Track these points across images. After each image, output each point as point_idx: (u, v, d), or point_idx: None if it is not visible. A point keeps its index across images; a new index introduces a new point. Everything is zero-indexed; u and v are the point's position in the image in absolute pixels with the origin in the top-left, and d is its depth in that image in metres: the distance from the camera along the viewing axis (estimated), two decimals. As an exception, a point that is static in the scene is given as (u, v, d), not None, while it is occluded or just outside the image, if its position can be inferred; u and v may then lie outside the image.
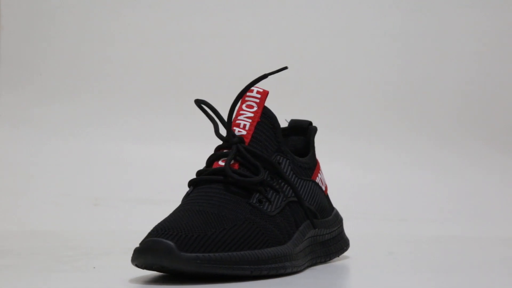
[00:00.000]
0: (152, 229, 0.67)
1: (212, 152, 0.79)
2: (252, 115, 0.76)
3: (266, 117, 0.77)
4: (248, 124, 0.76)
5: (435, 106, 1.53)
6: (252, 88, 0.78)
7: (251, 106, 0.77)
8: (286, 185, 0.76)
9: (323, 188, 0.85)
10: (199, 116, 0.84)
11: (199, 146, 1.43)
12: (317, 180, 0.83)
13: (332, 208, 0.86)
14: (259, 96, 0.77)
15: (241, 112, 0.77)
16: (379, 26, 1.53)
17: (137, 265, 0.67)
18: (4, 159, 1.43)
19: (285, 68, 0.77)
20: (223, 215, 0.70)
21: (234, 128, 0.76)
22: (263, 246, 0.69)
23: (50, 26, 1.51)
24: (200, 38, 1.51)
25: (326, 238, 0.82)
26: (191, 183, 0.75)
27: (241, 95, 0.76)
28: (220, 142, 0.77)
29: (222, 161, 0.74)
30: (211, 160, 0.75)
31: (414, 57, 1.54)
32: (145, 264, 0.66)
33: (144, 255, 0.65)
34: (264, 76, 0.76)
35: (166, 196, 1.37)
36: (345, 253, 0.88)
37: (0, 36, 1.50)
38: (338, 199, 1.34)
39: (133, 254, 0.67)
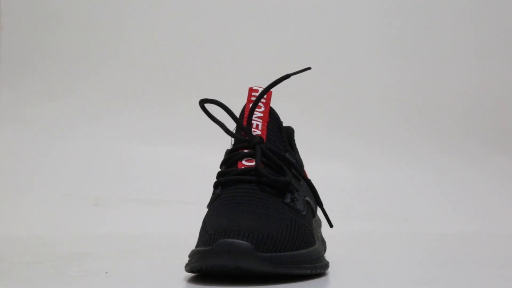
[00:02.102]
0: (216, 230, 0.65)
1: (211, 152, 0.79)
2: (261, 115, 0.76)
3: (272, 117, 0.77)
4: (260, 124, 0.75)
5: (435, 107, 1.53)
6: (257, 88, 0.77)
7: (258, 106, 0.76)
8: (300, 184, 0.76)
9: None
10: (200, 116, 0.83)
11: (199, 146, 1.44)
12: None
13: None
14: (265, 96, 0.77)
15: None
16: (380, 28, 1.54)
17: (200, 269, 0.64)
18: (4, 159, 1.43)
19: (309, 68, 0.77)
20: (271, 215, 0.69)
21: None
22: (309, 245, 0.69)
23: (50, 26, 1.51)
24: (202, 38, 1.51)
25: (318, 237, 0.83)
26: (220, 184, 0.73)
27: (263, 94, 0.75)
28: (222, 143, 0.76)
29: (247, 161, 0.73)
30: (234, 160, 0.74)
31: (414, 59, 1.54)
32: (217, 266, 0.63)
33: (218, 256, 0.62)
34: (287, 76, 0.75)
35: (166, 196, 1.37)
36: (344, 253, 0.89)
37: (0, 36, 1.50)
38: (338, 199, 1.34)
39: (201, 255, 0.64)
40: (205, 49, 1.51)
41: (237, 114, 0.77)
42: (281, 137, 0.77)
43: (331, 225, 0.80)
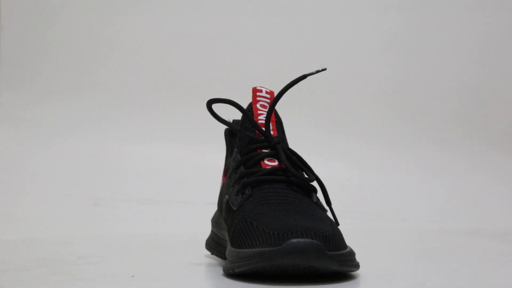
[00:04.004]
0: (277, 230, 0.65)
1: (211, 152, 0.79)
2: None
3: (277, 117, 0.77)
4: (270, 124, 0.76)
5: (435, 107, 1.53)
6: (260, 88, 0.77)
7: (265, 106, 0.76)
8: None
9: None
10: (200, 116, 0.83)
11: (199, 146, 1.44)
12: None
13: None
14: (268, 96, 0.77)
15: (259, 112, 0.76)
16: (378, 26, 1.54)
17: (264, 269, 0.64)
18: (4, 159, 1.43)
19: (324, 69, 0.77)
20: (313, 214, 0.69)
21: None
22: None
23: (50, 26, 1.51)
24: (203, 38, 1.51)
25: None
26: (249, 184, 0.72)
27: (281, 95, 0.75)
28: (222, 143, 0.76)
29: (269, 161, 0.73)
30: (256, 160, 0.73)
31: (414, 58, 1.54)
32: (286, 265, 0.63)
33: (290, 255, 0.63)
34: (304, 77, 0.75)
35: (166, 196, 1.37)
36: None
37: (0, 36, 1.50)
38: (338, 199, 1.34)
39: (269, 255, 0.63)
40: (205, 49, 1.51)
41: (239, 114, 0.77)
42: (284, 137, 0.77)
43: (337, 224, 0.80)
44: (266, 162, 0.73)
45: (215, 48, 1.51)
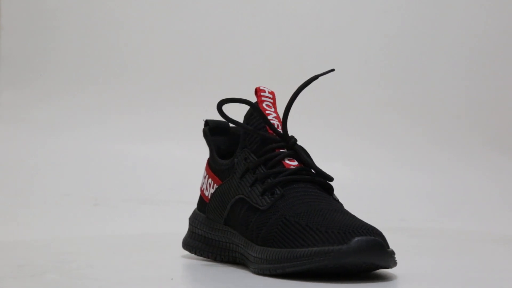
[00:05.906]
0: (337, 229, 0.65)
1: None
2: (275, 114, 0.76)
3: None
4: (279, 124, 0.76)
5: (435, 107, 1.53)
6: (263, 88, 0.77)
7: (270, 106, 0.77)
8: None
9: None
10: (200, 116, 0.83)
11: (199, 146, 1.43)
12: None
13: None
14: (271, 96, 0.77)
15: (267, 112, 0.76)
16: (378, 25, 1.54)
17: (325, 267, 0.65)
18: (4, 159, 1.43)
19: (333, 70, 0.77)
20: (346, 212, 0.70)
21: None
22: None
23: (50, 26, 1.51)
24: (203, 38, 1.52)
25: None
26: (277, 184, 0.72)
27: (295, 96, 0.76)
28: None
29: (289, 161, 0.73)
30: (278, 160, 0.73)
31: (413, 57, 1.54)
32: (351, 264, 0.64)
33: (357, 254, 0.64)
34: (315, 77, 0.76)
35: (166, 196, 1.37)
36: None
37: (0, 36, 1.50)
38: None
39: (336, 254, 0.64)
40: (206, 49, 1.51)
41: (242, 114, 0.77)
42: None
43: None
44: (287, 162, 0.73)
45: (216, 48, 1.51)
